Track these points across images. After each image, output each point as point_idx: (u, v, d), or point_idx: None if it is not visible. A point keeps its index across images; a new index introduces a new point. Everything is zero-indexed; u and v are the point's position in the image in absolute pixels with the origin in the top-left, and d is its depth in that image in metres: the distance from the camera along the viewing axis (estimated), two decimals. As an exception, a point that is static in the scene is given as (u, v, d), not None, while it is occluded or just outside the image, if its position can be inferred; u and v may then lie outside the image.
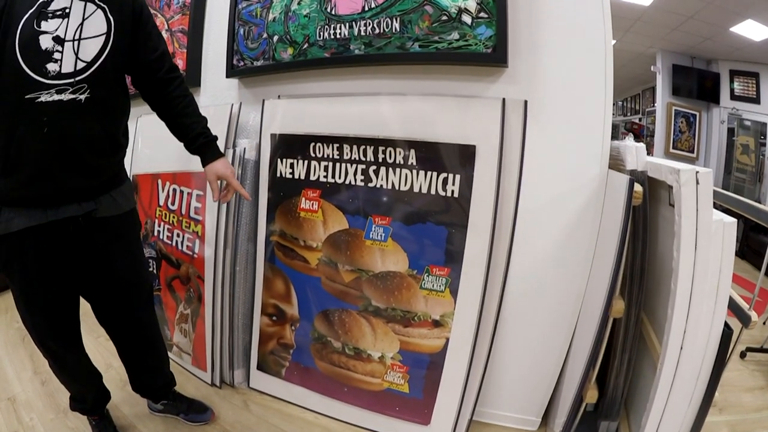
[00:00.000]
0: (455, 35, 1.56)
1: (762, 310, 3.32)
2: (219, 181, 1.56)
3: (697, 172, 1.13)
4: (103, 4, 1.27)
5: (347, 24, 1.73)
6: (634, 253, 1.47)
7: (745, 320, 1.32)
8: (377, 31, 1.69)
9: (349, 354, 1.85)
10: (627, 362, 1.58)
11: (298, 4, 1.83)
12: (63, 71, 1.21)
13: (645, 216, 1.44)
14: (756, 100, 5.61)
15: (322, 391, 1.93)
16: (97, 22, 1.27)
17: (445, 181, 1.62)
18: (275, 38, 1.91)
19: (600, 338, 1.42)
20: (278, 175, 1.91)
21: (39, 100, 1.19)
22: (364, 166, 1.74)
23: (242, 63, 2.04)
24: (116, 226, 1.47)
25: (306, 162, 1.85)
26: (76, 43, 1.22)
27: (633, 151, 1.45)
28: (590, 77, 1.53)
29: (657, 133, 6.11)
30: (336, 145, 1.78)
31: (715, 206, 1.20)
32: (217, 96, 2.19)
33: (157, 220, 2.24)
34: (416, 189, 1.66)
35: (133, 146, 2.27)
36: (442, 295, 1.67)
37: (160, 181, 2.18)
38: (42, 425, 1.80)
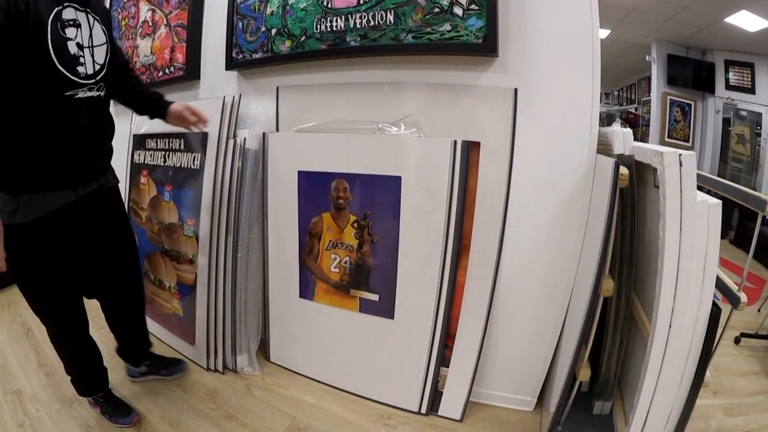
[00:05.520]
0: (447, 26, 1.61)
1: (756, 297, 3.36)
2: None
3: (680, 154, 1.15)
4: (97, 17, 1.49)
5: (343, 17, 1.78)
6: (623, 234, 1.50)
7: (734, 301, 1.32)
8: (372, 23, 1.73)
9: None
10: (619, 342, 1.62)
11: (296, -2, 1.87)
12: (88, 72, 1.44)
13: (633, 198, 1.47)
14: (751, 90, 5.60)
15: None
16: (99, 32, 1.50)
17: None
18: (273, 31, 1.96)
19: (591, 315, 1.44)
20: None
21: (77, 96, 1.41)
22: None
23: (241, 56, 2.08)
24: (115, 195, 1.73)
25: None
26: (90, 49, 1.45)
27: (620, 136, 1.47)
28: (578, 65, 1.56)
29: (652, 122, 6.12)
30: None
31: (710, 193, 1.20)
32: (216, 88, 2.23)
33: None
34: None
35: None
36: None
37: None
38: (48, 416, 1.81)
